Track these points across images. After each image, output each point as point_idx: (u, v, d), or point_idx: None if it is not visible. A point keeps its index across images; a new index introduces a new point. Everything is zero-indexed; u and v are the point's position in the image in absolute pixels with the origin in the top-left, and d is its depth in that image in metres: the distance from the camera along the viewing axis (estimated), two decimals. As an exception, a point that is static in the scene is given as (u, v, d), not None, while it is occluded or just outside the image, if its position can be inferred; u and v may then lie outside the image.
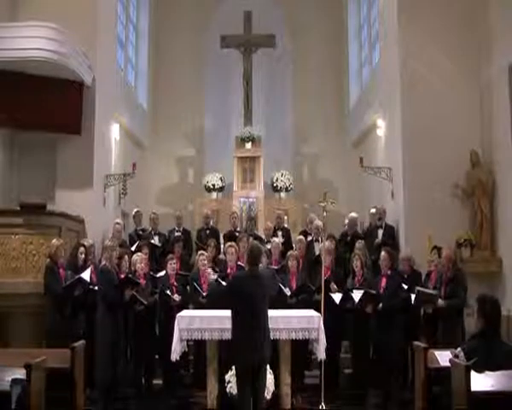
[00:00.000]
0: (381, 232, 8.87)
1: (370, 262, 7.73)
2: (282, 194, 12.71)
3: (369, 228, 9.29)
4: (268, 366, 5.49)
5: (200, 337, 6.16)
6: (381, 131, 10.42)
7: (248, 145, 12.72)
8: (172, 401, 6.69)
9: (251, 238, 8.67)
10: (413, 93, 8.92)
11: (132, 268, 7.13)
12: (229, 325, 5.05)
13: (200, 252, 7.77)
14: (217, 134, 13.86)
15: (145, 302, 6.68)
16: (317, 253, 8.06)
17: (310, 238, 8.78)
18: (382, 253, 6.96)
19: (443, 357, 5.01)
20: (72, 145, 8.73)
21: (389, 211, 9.22)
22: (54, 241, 6.75)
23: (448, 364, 4.50)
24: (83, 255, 7.13)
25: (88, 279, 6.66)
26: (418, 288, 6.58)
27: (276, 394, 6.22)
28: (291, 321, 6.16)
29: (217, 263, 8.15)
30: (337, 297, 6.87)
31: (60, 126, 8.45)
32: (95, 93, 9.00)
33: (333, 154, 13.44)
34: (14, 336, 6.62)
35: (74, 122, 8.66)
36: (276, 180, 12.71)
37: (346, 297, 6.86)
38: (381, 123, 10.39)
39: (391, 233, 8.89)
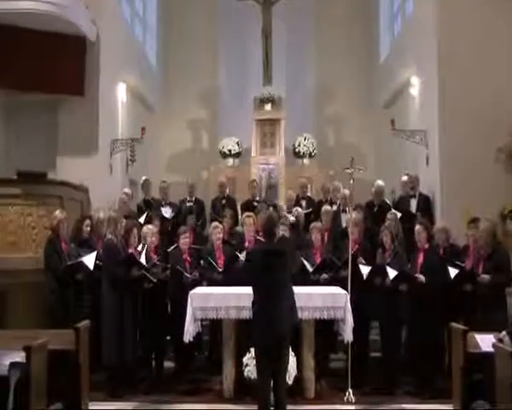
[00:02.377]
0: (414, 203, 8.73)
1: (403, 235, 7.54)
2: (305, 160, 12.69)
3: (401, 198, 9.10)
4: (290, 349, 5.43)
5: (215, 317, 6.16)
6: (414, 90, 10.29)
7: (268, 107, 12.68)
8: (185, 385, 6.66)
9: (271, 208, 8.56)
10: (451, 46, 8.74)
11: (142, 242, 7.02)
12: (246, 302, 5.12)
13: (214, 224, 7.66)
14: (233, 95, 13.75)
15: (154, 280, 6.59)
16: (344, 225, 7.99)
17: (334, 208, 8.68)
18: (417, 226, 6.81)
19: (485, 341, 4.90)
20: (74, 108, 8.73)
21: (423, 179, 9.10)
22: (57, 212, 6.70)
23: (491, 349, 4.32)
24: (88, 228, 7.05)
25: (91, 266, 6.57)
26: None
27: (299, 378, 6.18)
28: (314, 299, 6.11)
29: (233, 236, 8.03)
30: (365, 270, 6.73)
31: (61, 87, 8.45)
32: (99, 50, 8.99)
33: (361, 115, 13.33)
34: (13, 316, 6.61)
35: (77, 82, 8.65)
36: (299, 145, 12.65)
37: (377, 271, 6.70)
38: (415, 81, 10.26)
39: (425, 203, 8.74)
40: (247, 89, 13.48)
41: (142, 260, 6.57)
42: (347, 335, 6.07)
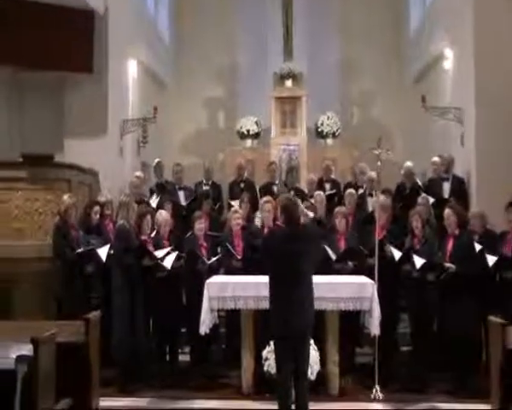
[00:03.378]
0: (447, 185, 8.67)
1: (435, 221, 7.45)
2: (329, 140, 12.65)
3: (433, 181, 8.99)
4: (312, 342, 5.41)
5: (233, 307, 6.15)
6: (448, 63, 10.19)
7: (288, 83, 12.63)
8: (201, 380, 6.66)
9: (291, 192, 8.49)
10: (488, 14, 8.51)
11: (156, 229, 7.03)
12: (266, 292, 5.08)
13: (233, 208, 7.63)
14: (251, 71, 13.66)
15: (168, 267, 6.59)
16: (370, 209, 7.94)
17: (360, 192, 8.66)
18: (447, 210, 6.76)
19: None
20: (82, 86, 8.76)
21: (458, 160, 9.04)
22: (65, 198, 6.73)
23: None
24: (97, 215, 7.09)
25: (104, 258, 6.62)
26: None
27: (322, 374, 6.16)
28: (339, 289, 6.07)
29: (252, 221, 7.99)
30: (398, 254, 6.71)
31: (68, 64, 8.47)
32: (108, 24, 9.02)
33: (389, 92, 13.21)
34: (19, 306, 6.67)
35: (84, 59, 8.67)
36: (321, 124, 12.60)
37: (405, 258, 6.64)
38: (448, 53, 10.15)
39: (459, 187, 8.68)
40: (267, 64, 13.38)
41: (159, 253, 6.57)
42: (374, 328, 6.02)
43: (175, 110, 13.17)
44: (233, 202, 8.58)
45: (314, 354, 5.90)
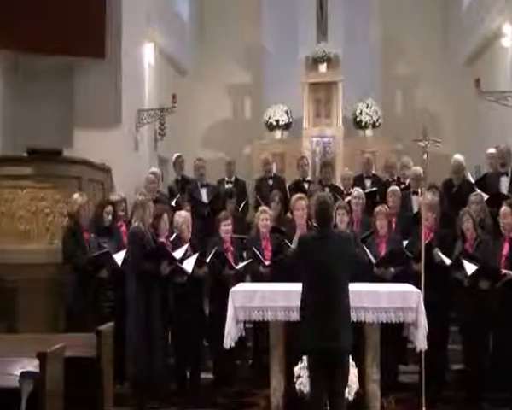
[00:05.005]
0: (505, 181, 8.47)
1: (491, 222, 7.34)
2: (368, 131, 12.61)
3: (488, 176, 8.86)
4: (350, 358, 5.36)
5: (260, 318, 6.11)
6: (507, 41, 10.09)
7: (322, 68, 12.61)
8: (225, 400, 6.69)
9: (326, 190, 8.44)
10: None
11: (175, 232, 7.05)
12: (298, 302, 5.07)
13: (262, 208, 7.63)
14: (280, 54, 13.62)
15: (188, 271, 6.59)
16: (416, 209, 7.90)
17: (402, 187, 8.66)
18: (503, 208, 6.74)
19: None
20: (93, 72, 8.80)
21: None
22: (76, 196, 6.79)
23: None
24: (110, 216, 7.14)
25: (120, 263, 6.68)
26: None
27: (361, 393, 6.11)
28: (380, 299, 6.01)
29: (283, 223, 7.98)
30: (446, 259, 6.69)
31: (77, 48, 8.52)
32: (121, 4, 8.95)
33: (436, 75, 13.05)
34: (24, 317, 6.74)
35: (96, 42, 8.72)
36: (360, 113, 12.58)
37: (455, 264, 6.59)
38: (507, 29, 10.03)
39: (520, 182, 8.51)
40: (298, 47, 13.38)
41: (177, 253, 6.59)
42: (420, 342, 5.95)
43: (196, 99, 13.20)
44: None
45: (352, 371, 5.81)
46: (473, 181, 8.81)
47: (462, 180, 8.63)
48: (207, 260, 6.89)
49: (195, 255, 6.71)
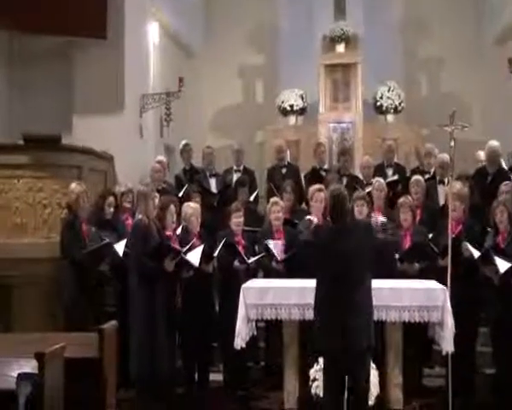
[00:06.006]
0: (540, 170, 8.45)
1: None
2: (389, 116, 12.60)
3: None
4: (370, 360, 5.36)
5: (273, 317, 6.15)
6: None
7: (340, 48, 12.66)
8: (235, 404, 6.70)
9: (344, 180, 8.39)
10: None
11: (182, 224, 7.05)
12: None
13: (273, 199, 7.62)
14: (295, 34, 13.61)
15: (195, 264, 6.60)
16: (442, 200, 7.88)
17: (427, 177, 8.59)
18: None
19: None
20: (94, 54, 8.84)
21: None
22: (73, 185, 6.81)
23: None
24: (111, 208, 7.15)
25: (121, 252, 6.70)
26: None
27: (383, 398, 6.11)
28: (402, 296, 6.03)
29: (297, 215, 7.97)
30: (476, 254, 6.61)
31: (77, 28, 8.56)
32: (124, -20, 8.96)
33: (464, 55, 13.02)
34: (20, 315, 6.79)
35: (96, 21, 8.75)
36: (381, 97, 12.57)
37: (486, 260, 6.53)
38: None
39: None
40: (314, 26, 13.36)
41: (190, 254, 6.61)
42: (447, 344, 5.94)
43: (204, 82, 13.25)
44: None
45: (372, 373, 5.80)
46: (507, 170, 8.76)
47: (498, 169, 8.56)
48: (216, 253, 6.89)
49: (201, 247, 6.70)
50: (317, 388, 6.00)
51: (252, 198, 8.83)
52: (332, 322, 4.86)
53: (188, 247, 6.61)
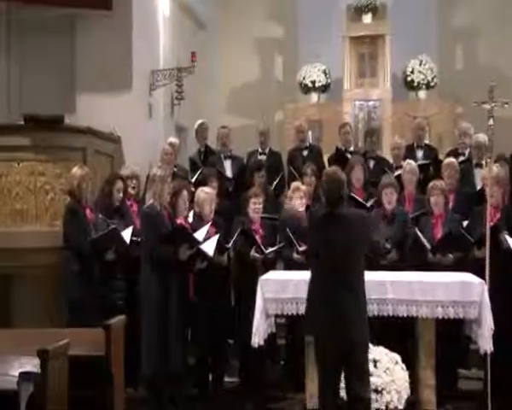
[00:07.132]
0: None
1: None
2: (421, 93, 12.61)
3: None
4: (399, 359, 5.33)
5: (294, 312, 6.15)
6: None
7: (367, 19, 12.68)
8: (252, 406, 6.73)
9: (371, 162, 8.36)
10: None
11: (197, 209, 7.07)
12: None
13: (294, 185, 7.61)
14: (316, 4, 13.50)
15: (210, 254, 6.61)
16: (479, 185, 7.84)
17: (462, 159, 8.57)
18: None
19: None
20: (99, 27, 8.82)
21: None
22: (74, 169, 6.82)
23: None
24: (120, 194, 7.16)
25: (128, 239, 6.71)
26: None
27: (414, 402, 6.12)
28: (435, 290, 6.01)
29: (318, 200, 7.95)
30: None
31: (80, -1, 8.46)
32: None
33: (504, 25, 12.87)
34: (21, 309, 6.83)
35: (101, -9, 8.65)
36: (412, 72, 12.57)
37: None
38: None
39: None
40: (337, -6, 13.34)
41: (198, 234, 6.61)
42: (485, 342, 5.93)
43: (219, 57, 13.24)
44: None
45: (402, 375, 5.86)
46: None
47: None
48: (232, 241, 6.90)
49: (216, 236, 6.70)
50: (342, 388, 5.99)
51: (274, 185, 8.80)
52: (320, 316, 4.92)
53: (204, 234, 6.62)
